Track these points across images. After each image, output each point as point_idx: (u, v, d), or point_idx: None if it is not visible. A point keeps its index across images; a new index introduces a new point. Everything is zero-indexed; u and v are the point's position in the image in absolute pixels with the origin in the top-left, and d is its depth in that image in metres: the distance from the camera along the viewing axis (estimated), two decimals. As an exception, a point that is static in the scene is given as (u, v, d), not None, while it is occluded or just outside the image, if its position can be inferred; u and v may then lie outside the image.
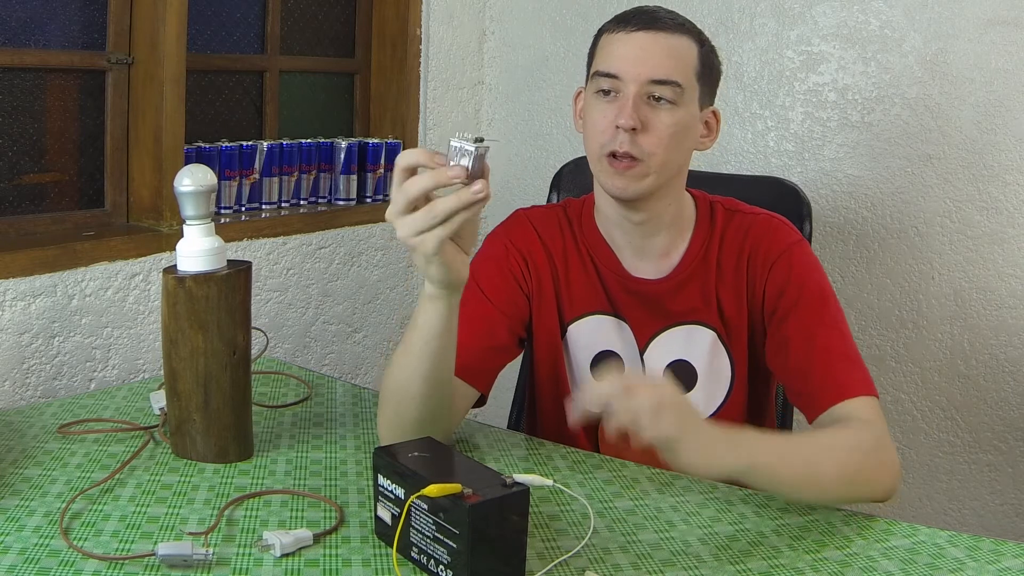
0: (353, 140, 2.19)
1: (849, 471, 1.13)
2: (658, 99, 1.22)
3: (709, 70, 1.27)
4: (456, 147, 0.95)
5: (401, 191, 0.98)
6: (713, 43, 1.30)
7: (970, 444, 1.97)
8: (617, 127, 1.21)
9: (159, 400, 1.38)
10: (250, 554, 0.99)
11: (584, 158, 1.69)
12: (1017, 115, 1.84)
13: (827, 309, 1.26)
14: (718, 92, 1.32)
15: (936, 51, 1.89)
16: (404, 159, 0.98)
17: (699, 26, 1.29)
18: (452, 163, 0.95)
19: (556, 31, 2.36)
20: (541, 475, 1.23)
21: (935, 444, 2.00)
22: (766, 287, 1.28)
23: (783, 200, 1.57)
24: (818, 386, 1.21)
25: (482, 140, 0.95)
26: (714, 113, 1.31)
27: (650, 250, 1.32)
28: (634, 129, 1.20)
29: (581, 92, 1.34)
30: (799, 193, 1.58)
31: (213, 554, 0.98)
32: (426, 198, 0.97)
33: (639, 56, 1.21)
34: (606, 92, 1.24)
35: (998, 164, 1.87)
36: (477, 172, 0.96)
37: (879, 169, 1.98)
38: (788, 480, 1.11)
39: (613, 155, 1.22)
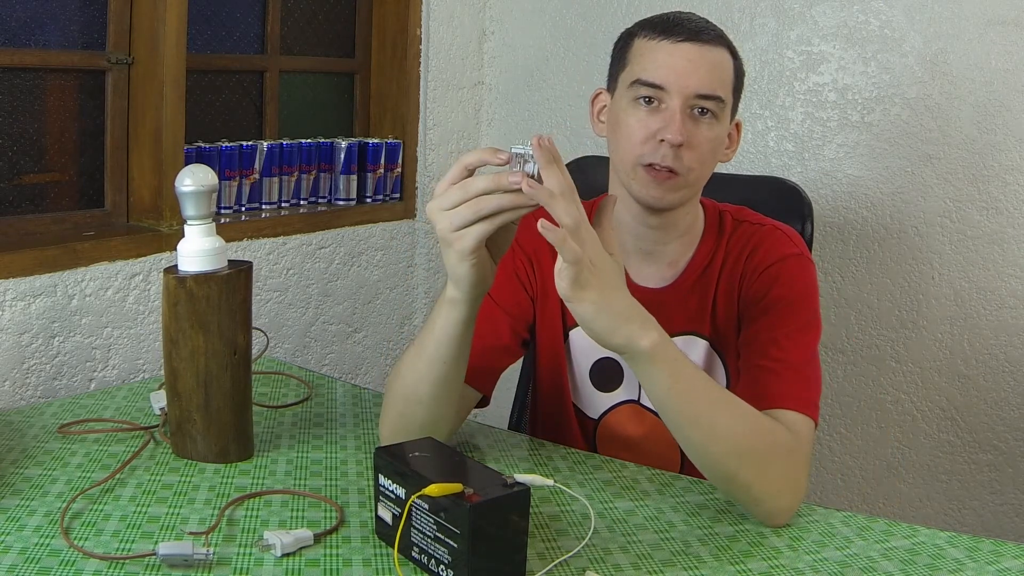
0: (353, 140, 2.19)
1: (746, 445, 1.06)
2: (703, 112, 1.19)
3: (740, 83, 1.26)
4: (518, 154, 0.96)
5: (460, 188, 0.97)
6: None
7: (970, 444, 1.97)
8: (662, 140, 1.18)
9: (159, 400, 1.39)
10: (251, 554, 0.99)
11: (585, 158, 1.70)
12: (1017, 115, 1.84)
13: (796, 322, 1.21)
14: None
15: (936, 51, 1.89)
16: (469, 158, 0.98)
17: None
18: (515, 170, 0.96)
19: (556, 31, 2.36)
20: (542, 475, 1.22)
21: (935, 444, 2.00)
22: (750, 293, 1.26)
23: (783, 200, 1.57)
24: (760, 389, 1.16)
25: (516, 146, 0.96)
26: (736, 125, 1.29)
27: (659, 257, 1.30)
28: (680, 144, 1.18)
29: (601, 92, 1.32)
30: (800, 193, 1.58)
31: (214, 554, 0.98)
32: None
33: (686, 68, 1.18)
34: (647, 101, 1.21)
35: (998, 164, 1.87)
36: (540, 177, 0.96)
37: (879, 169, 1.98)
38: (679, 402, 1.04)
39: (651, 165, 1.20)
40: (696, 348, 1.31)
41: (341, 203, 2.18)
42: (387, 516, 1.01)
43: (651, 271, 1.31)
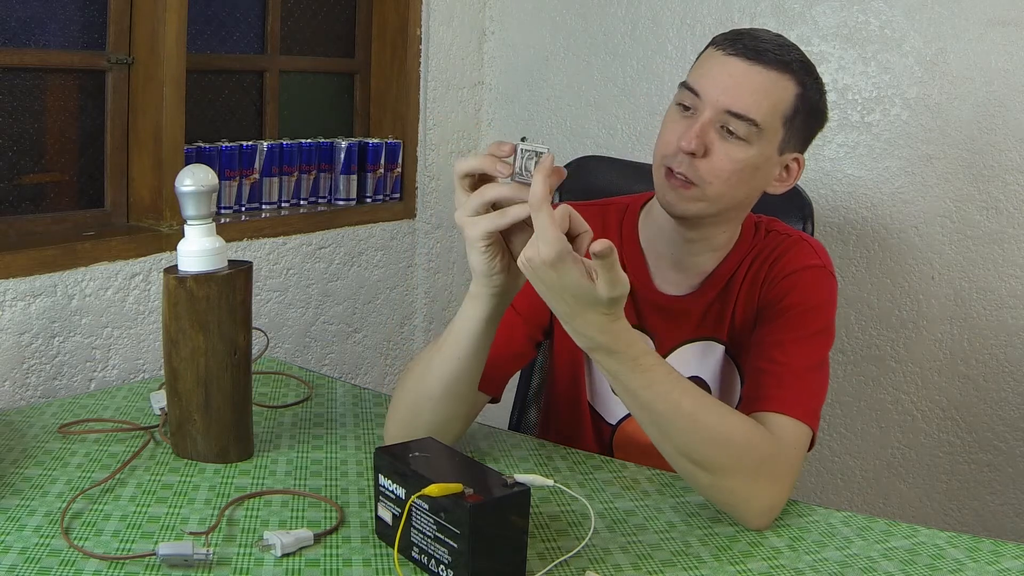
0: (353, 140, 2.19)
1: (707, 450, 1.06)
2: (730, 131, 1.16)
3: (804, 116, 1.21)
4: (523, 149, 0.99)
5: (478, 194, 1.01)
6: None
7: (970, 444, 1.97)
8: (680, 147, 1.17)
9: (159, 400, 1.39)
10: (251, 554, 0.99)
11: (586, 158, 1.70)
12: (1017, 115, 1.84)
13: (806, 330, 1.20)
14: None
15: (936, 51, 1.89)
16: (462, 166, 1.02)
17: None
18: (517, 166, 0.99)
19: (556, 31, 2.36)
20: (542, 475, 1.22)
21: (935, 444, 2.00)
22: (768, 298, 1.25)
23: (784, 200, 1.56)
24: (757, 392, 1.15)
25: (524, 139, 0.99)
26: (797, 160, 1.25)
27: (689, 267, 1.29)
28: (694, 154, 1.16)
29: None
30: (800, 193, 1.58)
31: (214, 554, 0.98)
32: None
33: (726, 84, 1.16)
34: (685, 108, 1.20)
35: (998, 164, 1.87)
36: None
37: (879, 169, 1.98)
38: (630, 403, 1.06)
39: (671, 170, 1.19)
40: (713, 353, 1.30)
41: (341, 203, 2.18)
42: (387, 516, 1.01)
43: (679, 278, 1.30)
